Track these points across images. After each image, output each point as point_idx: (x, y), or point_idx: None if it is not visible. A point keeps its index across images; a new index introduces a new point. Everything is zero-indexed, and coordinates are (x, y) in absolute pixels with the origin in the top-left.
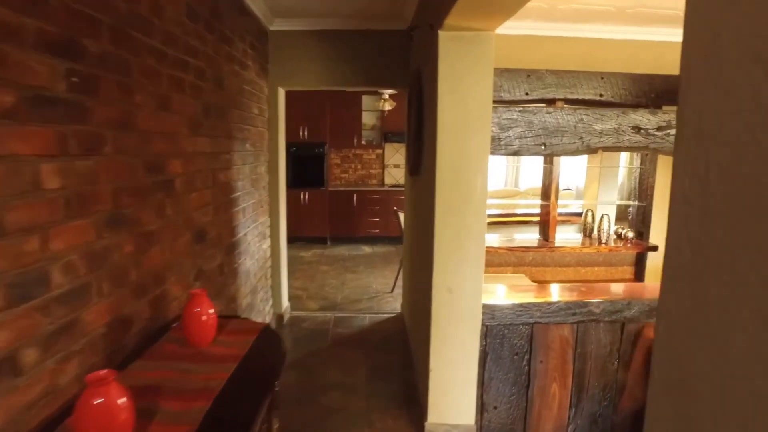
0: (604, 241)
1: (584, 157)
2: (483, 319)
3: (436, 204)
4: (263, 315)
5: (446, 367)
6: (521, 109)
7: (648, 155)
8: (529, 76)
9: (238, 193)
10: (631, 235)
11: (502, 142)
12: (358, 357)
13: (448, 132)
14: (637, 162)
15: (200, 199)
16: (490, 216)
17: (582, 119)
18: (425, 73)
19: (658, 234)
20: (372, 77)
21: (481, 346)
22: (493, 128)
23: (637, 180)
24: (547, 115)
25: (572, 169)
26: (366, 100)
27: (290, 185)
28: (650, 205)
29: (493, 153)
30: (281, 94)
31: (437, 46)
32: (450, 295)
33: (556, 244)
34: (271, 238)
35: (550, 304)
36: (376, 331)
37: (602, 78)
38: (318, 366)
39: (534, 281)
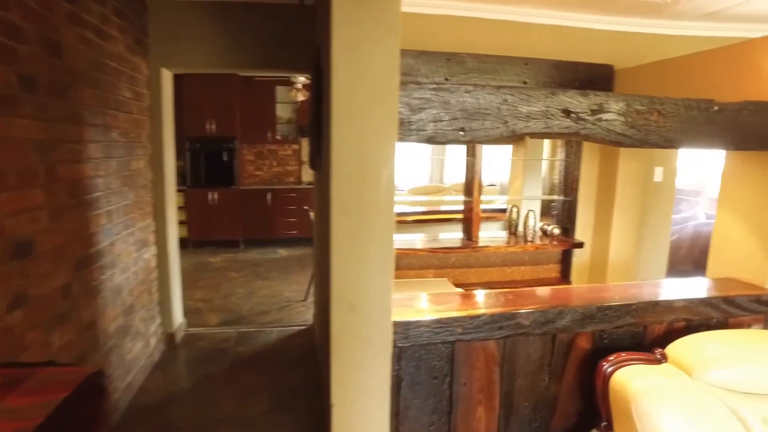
0: (530, 238)
1: (508, 151)
2: (395, 340)
3: (331, 202)
4: (146, 337)
5: (352, 400)
6: (435, 87)
7: (573, 147)
8: (449, 59)
9: (97, 193)
10: (557, 231)
11: (413, 127)
12: (260, 381)
13: (343, 113)
14: (561, 155)
15: (19, 201)
16: (413, 214)
17: (506, 100)
18: (323, 48)
19: (584, 229)
20: (273, 59)
21: (393, 371)
22: (402, 109)
23: (563, 173)
24: (467, 94)
25: (496, 164)
26: (280, 92)
27: (195, 184)
28: (575, 199)
29: (402, 139)
30: (167, 76)
31: (329, 4)
32: (353, 314)
33: (481, 244)
34: (157, 246)
35: (473, 317)
36: (284, 347)
37: (526, 64)
38: (211, 395)
39: (457, 285)
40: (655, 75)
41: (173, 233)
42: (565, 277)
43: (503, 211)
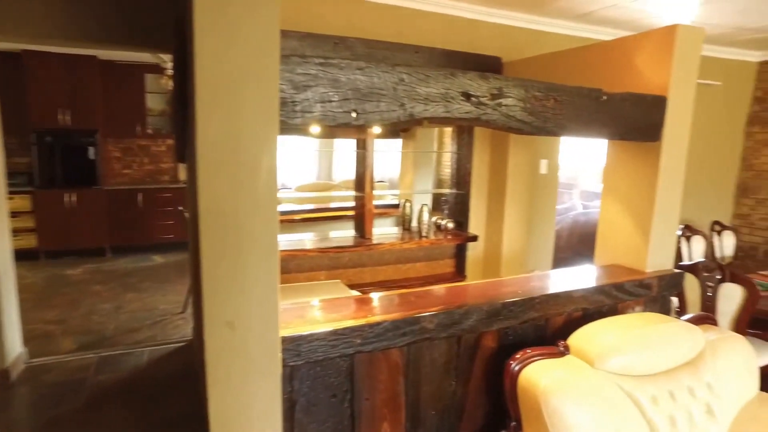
0: (424, 233)
1: (398, 146)
2: (284, 359)
3: (199, 199)
4: None
5: None
6: (323, 61)
7: (464, 139)
8: (336, 43)
9: None
10: (451, 225)
11: (298, 108)
12: (126, 416)
13: (210, 91)
14: (453, 147)
15: None
16: (302, 213)
17: (403, 80)
18: (186, 15)
19: (477, 223)
20: (126, 32)
21: (285, 393)
22: (284, 87)
23: (455, 166)
24: (359, 72)
25: (385, 160)
26: (151, 80)
27: (47, 185)
28: (468, 192)
29: (286, 123)
30: None
31: None
32: (232, 332)
33: (375, 241)
34: None
35: (373, 325)
36: (157, 371)
37: (416, 52)
38: None
39: (351, 285)
40: (541, 67)
41: (6, 244)
42: (460, 271)
43: (396, 206)
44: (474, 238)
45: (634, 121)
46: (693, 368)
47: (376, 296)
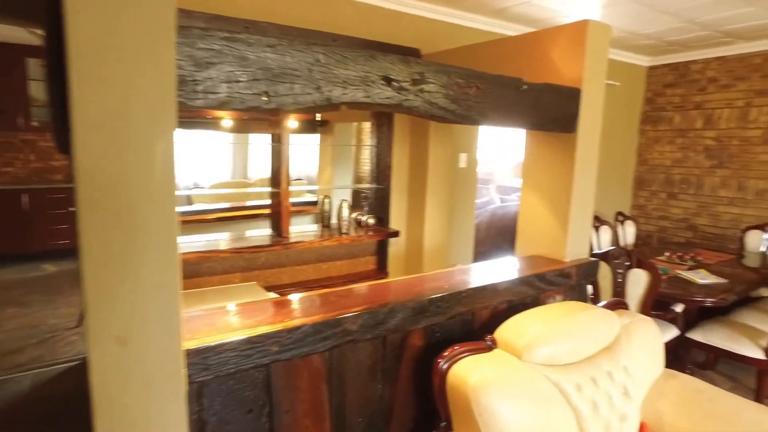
0: (344, 230)
1: (316, 140)
2: (190, 374)
3: (77, 192)
4: None
5: None
6: (228, 36)
7: (384, 132)
8: (247, 27)
9: None
10: (371, 221)
11: (200, 87)
12: None
13: (90, 62)
14: (372, 141)
15: None
16: (215, 212)
17: (319, 60)
18: None
19: (398, 218)
20: None
21: (192, 414)
22: (183, 63)
23: (374, 161)
24: (269, 50)
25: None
26: (34, 66)
27: None
28: (388, 187)
29: (185, 105)
30: None
31: None
32: (123, 349)
33: (292, 240)
34: None
35: (292, 330)
36: (43, 397)
37: (334, 40)
38: None
39: (269, 288)
40: (460, 60)
41: None
42: (381, 268)
43: (314, 203)
44: (395, 234)
45: (552, 111)
46: (611, 353)
47: (294, 298)
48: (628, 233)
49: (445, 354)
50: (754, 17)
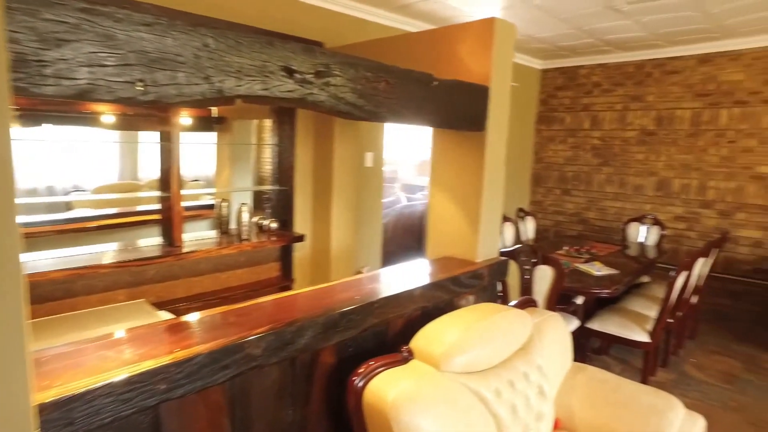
0: (245, 236)
1: (213, 139)
2: None
3: None
4: None
5: None
6: (87, 7)
7: (286, 131)
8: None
9: None
10: (274, 225)
11: (49, 70)
12: None
13: None
14: (274, 139)
15: None
16: (100, 218)
17: (208, 45)
18: None
19: (303, 221)
20: None
21: None
22: (21, 38)
23: (276, 160)
24: (145, 29)
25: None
26: None
27: None
28: (292, 189)
29: (29, 91)
30: None
31: None
32: None
33: (187, 249)
34: None
35: (183, 362)
36: None
37: (229, 29)
38: None
39: (160, 304)
40: (365, 54)
41: None
42: (286, 275)
43: (211, 207)
44: (300, 238)
45: (462, 109)
46: (525, 353)
47: (187, 320)
48: (529, 229)
49: (360, 370)
50: (628, 30)
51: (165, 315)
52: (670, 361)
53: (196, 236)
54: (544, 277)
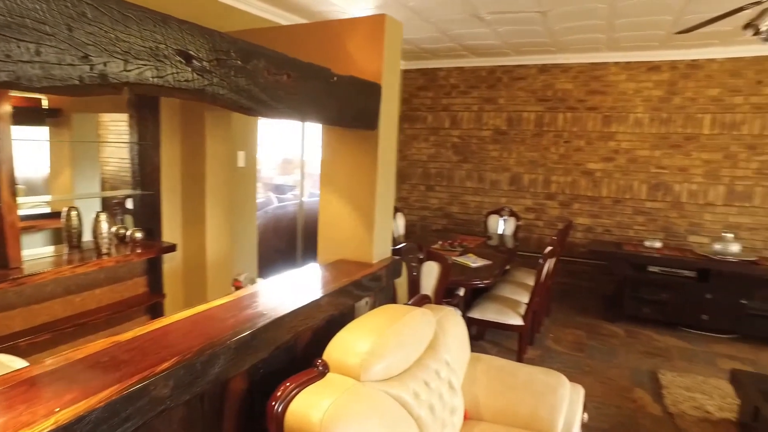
0: (104, 250)
1: (45, 135)
2: None
3: None
4: None
5: None
6: None
7: (148, 126)
8: None
9: None
10: (139, 235)
11: None
12: None
13: None
14: (133, 137)
15: None
16: None
17: (85, 14)
18: None
19: (173, 228)
20: None
21: None
22: None
23: (137, 161)
24: None
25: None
26: None
27: None
28: (158, 192)
29: None
30: None
31: None
32: None
33: (27, 270)
34: None
35: (71, 426)
36: None
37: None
38: None
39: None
40: None
41: None
42: (155, 290)
43: (50, 216)
44: (172, 248)
45: (358, 107)
46: (433, 351)
47: (55, 365)
48: (399, 225)
49: (278, 394)
50: (485, 37)
51: (14, 361)
52: (536, 339)
53: (38, 253)
54: (430, 272)
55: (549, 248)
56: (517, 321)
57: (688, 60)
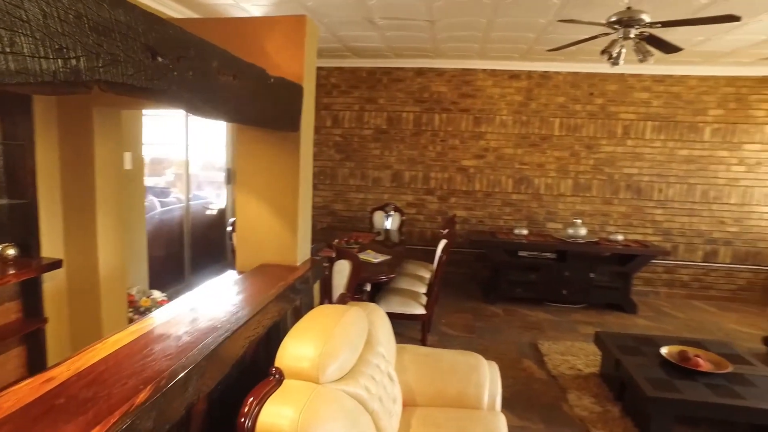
0: None
1: None
2: None
3: None
4: None
5: None
6: None
7: (19, 125)
8: None
9: None
10: (12, 252)
11: None
12: None
13: None
14: None
15: None
16: None
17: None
18: None
19: (54, 242)
20: None
21: None
22: None
23: (3, 164)
24: None
25: None
26: None
27: None
28: (35, 201)
29: None
30: None
31: None
32: None
33: None
34: None
35: None
36: None
37: None
38: None
39: None
40: None
41: None
42: (33, 315)
43: None
44: (56, 265)
45: (287, 108)
46: (371, 346)
47: None
48: None
49: (246, 410)
50: (371, 40)
51: None
52: (432, 326)
53: None
54: (342, 270)
55: (444, 241)
56: (420, 310)
57: (540, 71)
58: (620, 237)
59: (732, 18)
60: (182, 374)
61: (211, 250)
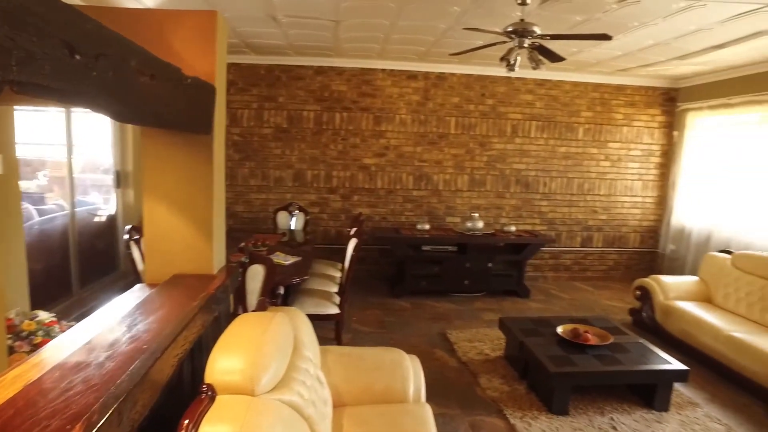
0: None
1: None
2: None
3: None
4: None
5: None
6: None
7: None
8: None
9: None
10: None
11: None
12: None
13: None
14: None
15: None
16: None
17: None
18: None
19: None
20: None
21: None
22: None
23: None
24: None
25: None
26: None
27: None
28: None
29: None
30: None
31: None
32: None
33: None
34: None
35: None
36: None
37: None
38: None
39: None
40: None
41: None
42: None
43: None
44: None
45: (200, 109)
46: (298, 352)
47: None
48: None
49: None
50: (273, 38)
51: None
52: (344, 324)
53: None
54: (255, 275)
55: (355, 240)
56: (335, 310)
57: (437, 72)
58: (513, 228)
59: (605, 36)
60: (115, 405)
61: (102, 260)
